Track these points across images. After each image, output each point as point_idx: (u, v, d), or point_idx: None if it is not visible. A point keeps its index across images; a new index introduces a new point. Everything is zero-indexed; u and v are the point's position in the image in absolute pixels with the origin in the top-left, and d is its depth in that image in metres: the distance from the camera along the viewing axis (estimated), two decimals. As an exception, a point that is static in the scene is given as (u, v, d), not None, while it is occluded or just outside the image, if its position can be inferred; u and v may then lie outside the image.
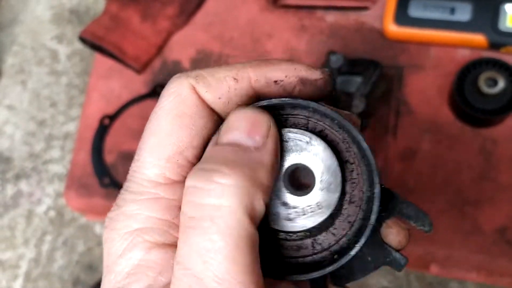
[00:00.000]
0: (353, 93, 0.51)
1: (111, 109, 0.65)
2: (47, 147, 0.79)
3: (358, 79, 0.52)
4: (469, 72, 0.54)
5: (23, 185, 0.78)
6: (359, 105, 0.50)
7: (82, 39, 0.64)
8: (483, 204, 0.53)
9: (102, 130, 0.64)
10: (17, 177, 0.79)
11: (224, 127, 0.24)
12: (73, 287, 0.71)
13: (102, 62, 0.67)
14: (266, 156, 0.23)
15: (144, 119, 0.70)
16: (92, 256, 0.73)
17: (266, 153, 0.23)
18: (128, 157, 0.63)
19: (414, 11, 0.57)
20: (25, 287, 0.72)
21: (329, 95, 0.26)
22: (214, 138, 0.24)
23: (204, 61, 0.64)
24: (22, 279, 0.73)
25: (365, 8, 0.63)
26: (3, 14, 0.89)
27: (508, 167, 0.53)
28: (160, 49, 0.65)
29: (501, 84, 0.52)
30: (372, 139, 0.57)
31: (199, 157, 0.25)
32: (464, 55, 0.57)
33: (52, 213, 0.76)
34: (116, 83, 0.66)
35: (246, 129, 0.24)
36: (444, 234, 0.53)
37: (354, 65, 0.54)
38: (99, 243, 0.73)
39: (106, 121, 0.64)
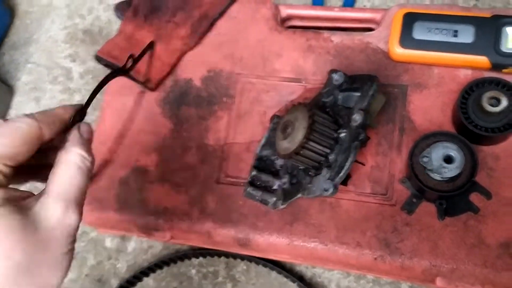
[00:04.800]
0: (353, 107, 0.53)
1: (124, 125, 0.67)
2: (59, 162, 0.81)
3: (357, 94, 0.54)
4: (472, 91, 0.56)
5: (35, 200, 0.80)
6: (357, 118, 0.52)
7: (98, 58, 0.66)
8: (486, 218, 0.54)
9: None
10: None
11: None
12: (82, 300, 0.72)
13: (116, 80, 0.69)
14: None
15: (156, 135, 0.71)
16: (101, 270, 0.74)
17: None
18: (140, 171, 0.65)
19: (419, 34, 0.59)
20: (37, 300, 0.73)
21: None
22: None
23: (215, 79, 0.66)
24: (33, 292, 0.74)
25: (369, 30, 0.65)
26: (18, 34, 0.92)
27: (511, 182, 0.55)
28: (173, 68, 0.67)
29: (504, 102, 0.53)
30: (377, 155, 0.59)
31: None
32: (467, 75, 0.60)
33: (62, 227, 0.77)
34: (129, 100, 0.68)
35: None
36: (449, 247, 0.54)
37: (353, 82, 0.56)
38: (109, 257, 0.74)
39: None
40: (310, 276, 0.67)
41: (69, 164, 0.39)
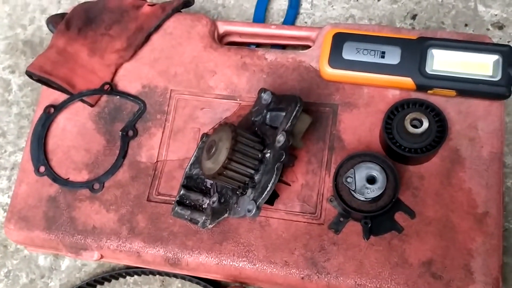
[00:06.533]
0: (278, 127, 0.53)
1: (55, 140, 0.65)
2: (-6, 177, 0.79)
3: (283, 114, 0.54)
4: (397, 112, 0.57)
5: (-33, 216, 0.77)
6: (281, 139, 0.52)
7: (29, 74, 0.65)
8: (410, 238, 0.55)
9: (46, 119, 0.66)
10: (-38, 207, 0.77)
11: None
12: (12, 321, 0.70)
13: (48, 94, 0.68)
14: None
15: (88, 151, 0.69)
16: (34, 289, 0.71)
17: None
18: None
19: (348, 54, 0.60)
20: (-39, 322, 0.71)
21: None
22: None
23: (149, 95, 0.66)
24: (-41, 313, 0.71)
25: (306, 47, 0.66)
26: (-45, 43, 0.89)
27: (434, 202, 0.56)
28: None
29: (426, 124, 0.54)
30: (307, 173, 0.59)
31: None
32: (395, 95, 0.61)
33: (-5, 244, 0.75)
34: (61, 115, 0.67)
35: None
36: (373, 266, 0.55)
37: (280, 101, 0.56)
38: (42, 275, 0.72)
39: (51, 110, 0.66)
40: (245, 294, 0.67)
41: None
